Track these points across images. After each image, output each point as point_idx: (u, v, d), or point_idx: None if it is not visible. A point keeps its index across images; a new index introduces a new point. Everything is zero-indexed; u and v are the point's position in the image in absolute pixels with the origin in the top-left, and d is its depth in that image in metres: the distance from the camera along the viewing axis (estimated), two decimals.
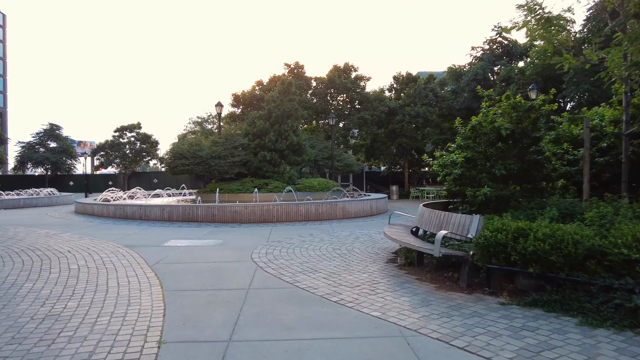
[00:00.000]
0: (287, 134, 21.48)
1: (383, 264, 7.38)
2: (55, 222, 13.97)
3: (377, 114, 28.81)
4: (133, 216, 14.45)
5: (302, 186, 21.09)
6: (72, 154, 42.96)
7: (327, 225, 13.28)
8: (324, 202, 14.87)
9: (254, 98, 28.95)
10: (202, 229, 12.25)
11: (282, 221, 14.03)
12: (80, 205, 16.60)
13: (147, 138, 43.59)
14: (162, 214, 14.08)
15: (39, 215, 16.42)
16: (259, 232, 11.57)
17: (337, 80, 29.38)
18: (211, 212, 13.77)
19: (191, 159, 20.26)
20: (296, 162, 21.88)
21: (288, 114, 21.94)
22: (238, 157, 20.82)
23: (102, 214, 15.32)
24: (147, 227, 12.56)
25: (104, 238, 10.38)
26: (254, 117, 22.17)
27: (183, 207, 13.92)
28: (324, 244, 9.52)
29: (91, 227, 12.73)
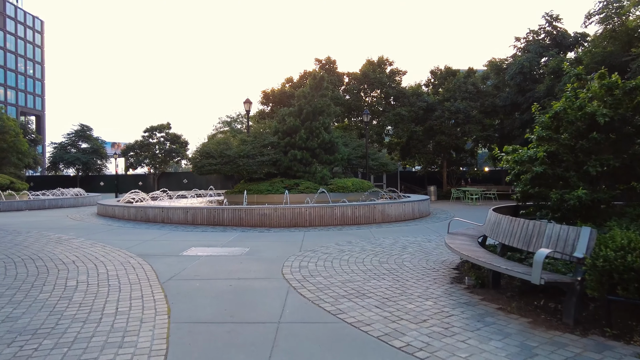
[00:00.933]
0: (319, 132, 20.12)
1: (447, 285, 5.86)
2: (72, 225, 13.07)
3: (414, 110, 27.05)
4: (155, 219, 13.40)
5: (335, 187, 19.69)
6: (103, 155, 43.09)
7: (366, 230, 11.82)
8: (362, 205, 13.40)
9: (283, 95, 27.77)
10: (227, 234, 11.01)
11: (315, 225, 12.66)
12: (102, 207, 15.77)
13: (176, 138, 43.28)
14: (185, 217, 12.96)
15: (59, 217, 15.67)
16: (290, 239, 10.23)
17: (371, 74, 27.80)
18: (238, 215, 12.54)
19: (218, 158, 19.21)
20: (328, 161, 20.48)
21: (320, 110, 20.58)
22: (267, 156, 19.62)
23: (122, 217, 14.38)
24: (168, 232, 11.43)
25: (118, 245, 9.27)
26: (283, 114, 20.93)
27: (208, 209, 12.76)
28: (366, 255, 8.06)
29: (108, 231, 11.71)
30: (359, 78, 28.47)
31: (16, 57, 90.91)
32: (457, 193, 25.12)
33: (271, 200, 18.88)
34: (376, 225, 13.01)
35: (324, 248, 8.78)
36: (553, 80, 24.48)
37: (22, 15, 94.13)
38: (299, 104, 20.63)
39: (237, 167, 19.14)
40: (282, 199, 18.94)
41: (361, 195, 19.83)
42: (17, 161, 34.37)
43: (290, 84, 29.27)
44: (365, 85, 28.73)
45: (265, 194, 18.96)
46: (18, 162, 34.57)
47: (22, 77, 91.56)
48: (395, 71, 29.39)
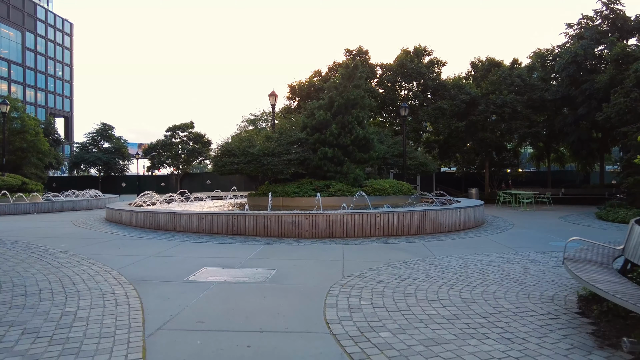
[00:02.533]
0: (352, 126, 17.91)
1: (594, 352, 3.58)
2: (70, 234, 11.26)
3: (456, 104, 24.51)
4: (165, 227, 11.48)
5: (371, 189, 17.45)
6: (125, 154, 42.01)
7: (418, 244, 9.57)
8: (410, 211, 11.13)
9: (311, 89, 25.64)
10: (248, 248, 8.96)
11: (353, 236, 10.47)
12: (110, 211, 14.01)
13: (199, 137, 41.87)
14: (200, 224, 10.98)
15: (63, 222, 13.97)
16: (326, 255, 8.09)
17: (409, 64, 25.38)
18: (262, 223, 10.48)
19: (241, 157, 17.25)
20: (362, 160, 18.25)
21: (353, 103, 18.39)
22: (294, 154, 17.54)
23: (130, 223, 12.54)
24: (178, 244, 9.45)
25: (111, 263, 7.32)
26: (312, 108, 18.82)
27: (226, 216, 10.73)
28: (437, 285, 5.83)
29: (107, 242, 9.82)
30: (394, 69, 26.09)
31: (46, 60, 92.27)
32: (505, 197, 22.46)
33: (298, 204, 16.80)
34: (428, 236, 10.72)
35: (375, 273, 6.58)
36: (616, 69, 21.55)
37: (52, 18, 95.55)
38: (329, 96, 18.48)
39: (261, 167, 17.12)
40: (311, 202, 16.86)
41: (400, 199, 17.55)
42: (37, 161, 33.48)
43: (319, 77, 27.11)
44: (400, 77, 26.30)
45: (292, 197, 16.90)
46: (38, 162, 33.68)
47: (51, 79, 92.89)
48: (435, 61, 26.89)
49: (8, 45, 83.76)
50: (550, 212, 18.54)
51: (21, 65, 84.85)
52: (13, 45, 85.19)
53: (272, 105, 19.97)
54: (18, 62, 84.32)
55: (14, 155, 32.54)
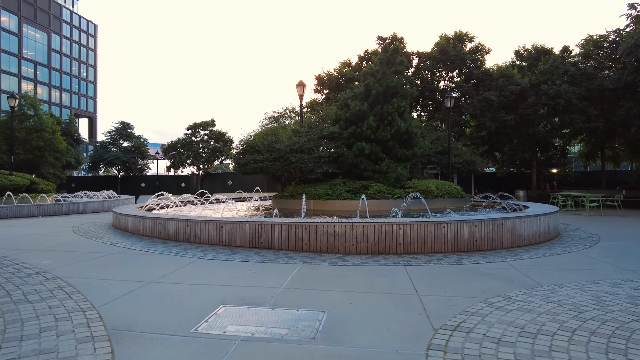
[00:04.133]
0: (392, 118, 15.63)
1: None
2: (63, 244, 9.33)
3: (504, 95, 21.87)
4: (177, 236, 9.43)
5: (415, 191, 15.11)
6: (145, 153, 40.60)
7: (503, 263, 7.27)
8: (483, 220, 8.76)
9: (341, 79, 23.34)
10: (281, 269, 6.80)
11: (412, 252, 8.20)
12: (116, 216, 12.08)
13: (220, 136, 40.14)
14: (219, 234, 8.88)
15: (62, 229, 12.10)
16: (389, 284, 5.87)
17: (451, 50, 22.83)
18: (295, 235, 8.30)
19: (266, 154, 15.17)
20: (404, 157, 15.93)
21: (393, 92, 16.10)
22: (326, 151, 15.36)
23: (136, 231, 10.55)
24: (190, 262, 7.35)
25: (95, 294, 5.27)
26: (346, 98, 16.59)
27: (251, 225, 8.59)
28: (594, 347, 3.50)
29: (102, 257, 7.80)
30: (434, 56, 23.59)
31: (71, 61, 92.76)
32: (562, 199, 19.73)
33: (332, 207, 14.62)
34: (507, 252, 8.37)
35: (478, 320, 4.32)
36: None
37: (77, 20, 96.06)
38: (365, 84, 16.23)
39: (289, 165, 15.01)
40: (346, 205, 14.67)
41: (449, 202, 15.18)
42: (54, 160, 32.27)
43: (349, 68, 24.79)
44: (440, 66, 23.77)
45: (324, 200, 14.74)
46: (55, 162, 32.45)
47: (75, 80, 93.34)
48: (479, 48, 24.26)
49: (35, 47, 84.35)
50: (622, 217, 15.80)
51: (47, 67, 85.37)
52: (39, 47, 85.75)
53: (299, 96, 17.83)
54: (44, 64, 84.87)
55: (31, 154, 31.42)
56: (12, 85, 75.28)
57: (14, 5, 78.62)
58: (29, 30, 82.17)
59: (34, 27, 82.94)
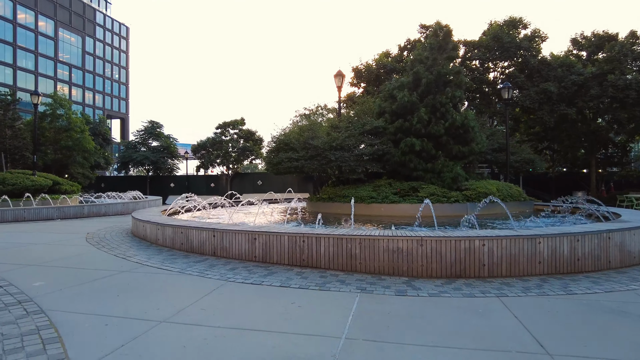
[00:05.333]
0: (446, 110, 13.68)
1: None
2: (67, 258, 7.88)
3: (565, 86, 19.46)
4: (202, 249, 7.84)
5: (474, 193, 13.16)
6: (174, 153, 39.79)
7: (627, 293, 5.42)
8: (587, 234, 6.76)
9: (381, 70, 21.39)
10: (334, 301, 5.08)
11: (499, 275, 6.32)
12: (134, 222, 10.64)
13: (250, 135, 38.90)
14: (251, 248, 7.23)
15: (74, 236, 10.72)
16: (496, 331, 4.04)
17: (505, 37, 20.55)
18: (347, 251, 6.55)
19: (302, 151, 13.50)
20: (460, 155, 13.95)
21: (446, 80, 14.15)
22: (369, 148, 13.57)
23: (156, 241, 9.04)
24: (216, 287, 5.69)
25: (81, 345, 3.70)
26: (391, 88, 14.73)
27: (291, 237, 6.88)
28: None
29: (106, 278, 6.25)
30: (486, 44, 21.33)
31: (104, 63, 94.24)
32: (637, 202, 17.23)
33: (376, 212, 12.82)
34: (619, 273, 6.44)
35: None
36: None
37: (109, 23, 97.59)
38: (414, 72, 14.31)
39: (327, 164, 13.29)
40: (394, 210, 12.84)
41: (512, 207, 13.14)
42: (82, 160, 31.69)
43: (389, 59, 22.78)
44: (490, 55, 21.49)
45: (367, 204, 12.94)
46: (83, 162, 31.88)
47: (108, 82, 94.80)
48: (535, 34, 21.83)
49: (70, 50, 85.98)
50: None
51: (81, 69, 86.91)
52: (74, 50, 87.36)
53: (338, 87, 16.07)
54: (78, 66, 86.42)
55: (60, 153, 30.94)
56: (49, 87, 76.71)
57: (50, 10, 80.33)
58: (64, 34, 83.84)
59: (69, 31, 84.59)
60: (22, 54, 73.80)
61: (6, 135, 26.80)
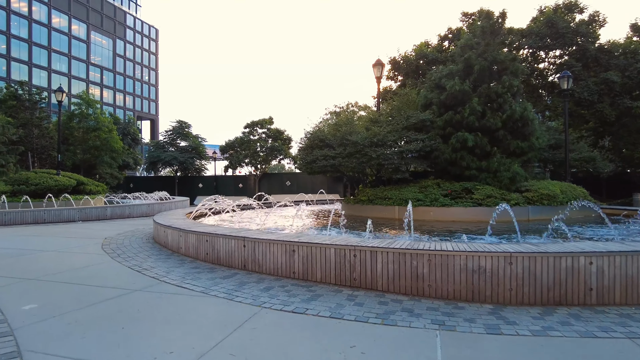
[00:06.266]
0: (503, 100, 12.09)
1: None
2: (71, 271, 6.74)
3: (630, 76, 17.42)
4: (230, 260, 6.61)
5: (536, 195, 11.53)
6: (202, 153, 39.19)
7: None
8: None
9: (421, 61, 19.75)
10: (406, 342, 3.72)
11: (612, 303, 4.83)
12: (156, 227, 9.53)
13: (279, 134, 37.87)
14: (289, 261, 5.94)
15: (90, 242, 9.71)
16: None
17: (560, 22, 18.64)
18: (412, 270, 5.16)
19: (339, 148, 12.18)
20: (519, 151, 12.32)
21: (501, 67, 12.55)
22: (415, 144, 12.11)
23: (178, 250, 7.88)
24: (248, 317, 4.41)
25: None
26: (439, 77, 13.21)
27: (339, 249, 5.55)
28: None
29: (114, 300, 5.07)
30: (537, 31, 19.42)
31: (134, 65, 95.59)
32: None
33: (424, 217, 11.34)
34: None
35: None
36: None
37: (139, 25, 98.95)
38: (465, 58, 12.76)
39: (368, 161, 11.91)
40: (444, 214, 11.37)
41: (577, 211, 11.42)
42: (110, 160, 31.33)
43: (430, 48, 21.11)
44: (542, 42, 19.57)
45: (414, 207, 11.45)
46: (111, 162, 31.52)
47: (138, 84, 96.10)
48: (594, 19, 19.80)
49: (101, 53, 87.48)
50: None
51: (112, 71, 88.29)
52: (105, 53, 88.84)
53: (377, 78, 14.64)
54: (109, 68, 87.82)
55: (89, 153, 30.65)
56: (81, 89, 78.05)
57: (83, 14, 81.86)
58: (96, 37, 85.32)
59: (100, 34, 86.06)
60: (56, 57, 75.39)
61: (34, 134, 26.64)
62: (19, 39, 68.13)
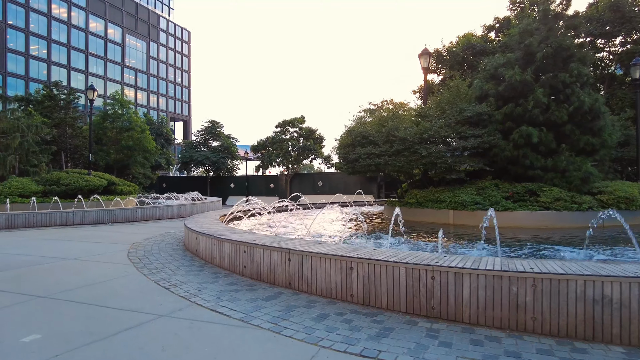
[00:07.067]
0: (571, 91, 10.65)
1: None
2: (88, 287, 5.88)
3: None
4: (273, 277, 5.62)
5: (610, 198, 10.06)
6: (234, 154, 38.77)
7: None
8: None
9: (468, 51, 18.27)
10: None
11: None
12: (187, 232, 8.65)
13: (311, 133, 36.95)
14: (346, 281, 4.87)
15: (114, 247, 8.96)
16: None
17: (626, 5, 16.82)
18: (512, 297, 4.00)
19: (384, 145, 11.04)
20: (590, 148, 10.87)
21: (566, 55, 11.10)
22: (472, 140, 10.84)
23: (211, 260, 6.96)
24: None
25: None
26: (496, 66, 11.87)
27: (412, 269, 4.44)
28: None
29: (132, 331, 4.13)
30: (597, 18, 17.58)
31: (167, 67, 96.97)
32: None
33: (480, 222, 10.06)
34: None
35: None
36: None
37: (172, 28, 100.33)
38: (526, 45, 11.37)
39: (418, 160, 10.73)
40: (507, 220, 10.05)
41: None
42: (143, 160, 31.21)
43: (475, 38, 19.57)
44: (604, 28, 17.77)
45: (471, 211, 10.22)
46: (144, 162, 31.39)
47: (171, 85, 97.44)
48: None
49: (135, 56, 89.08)
50: None
51: (146, 73, 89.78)
52: (139, 55, 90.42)
53: (423, 69, 13.41)
54: (143, 70, 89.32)
55: (122, 154, 30.62)
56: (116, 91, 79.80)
57: (118, 18, 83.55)
58: (131, 40, 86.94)
59: (135, 37, 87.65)
60: (93, 60, 77.18)
61: (67, 134, 26.72)
62: (58, 44, 70.08)
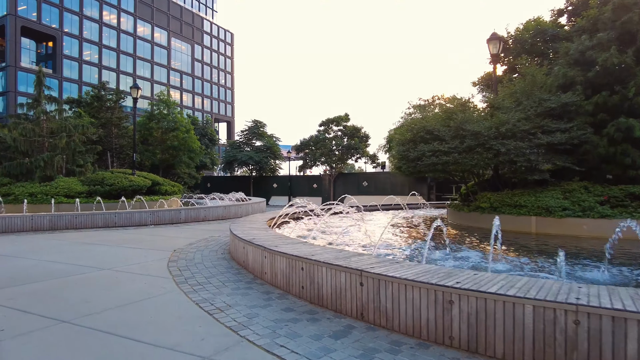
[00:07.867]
0: None
1: None
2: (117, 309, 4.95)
3: None
4: (340, 305, 4.49)
5: None
6: (276, 153, 38.19)
7: None
8: None
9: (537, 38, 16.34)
10: None
11: None
12: (233, 239, 7.67)
13: (355, 131, 35.74)
14: (441, 319, 3.66)
15: (154, 254, 8.09)
16: None
17: None
18: None
19: (452, 141, 9.65)
20: None
21: None
22: (558, 135, 9.25)
23: (262, 275, 5.92)
24: None
25: None
26: (580, 50, 10.17)
27: (542, 309, 3.19)
28: None
29: None
30: None
31: (211, 69, 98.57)
32: None
33: (575, 231, 8.52)
34: None
35: None
36: None
37: (215, 30, 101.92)
38: (621, 24, 9.65)
39: (494, 157, 9.30)
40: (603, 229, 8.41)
41: None
42: (188, 160, 31.14)
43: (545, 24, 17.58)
44: None
45: (559, 218, 8.69)
46: (189, 162, 31.31)
47: (215, 87, 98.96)
48: None
49: (181, 58, 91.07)
50: None
51: (190, 75, 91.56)
52: (184, 58, 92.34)
53: (492, 56, 11.89)
54: (188, 73, 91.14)
55: (167, 154, 30.66)
56: None
57: (164, 22, 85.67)
58: (176, 43, 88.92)
59: (180, 40, 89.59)
60: (140, 63, 79.50)
61: (113, 134, 26.95)
62: (109, 49, 72.63)
